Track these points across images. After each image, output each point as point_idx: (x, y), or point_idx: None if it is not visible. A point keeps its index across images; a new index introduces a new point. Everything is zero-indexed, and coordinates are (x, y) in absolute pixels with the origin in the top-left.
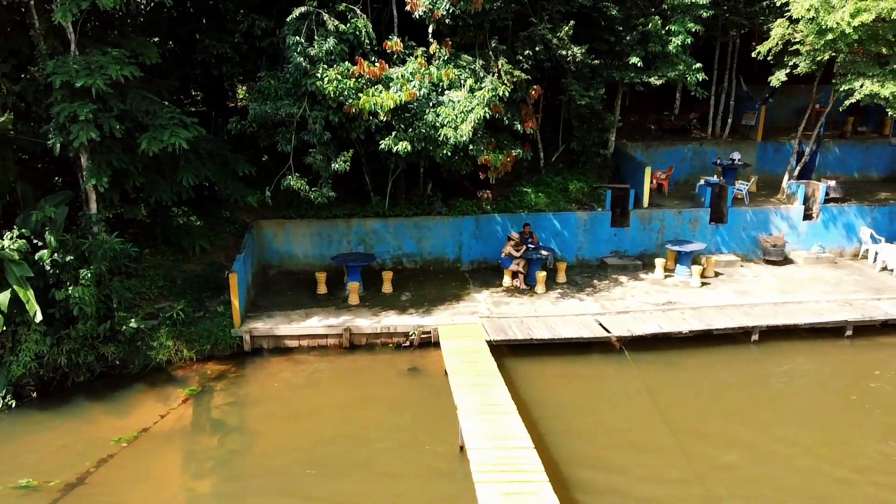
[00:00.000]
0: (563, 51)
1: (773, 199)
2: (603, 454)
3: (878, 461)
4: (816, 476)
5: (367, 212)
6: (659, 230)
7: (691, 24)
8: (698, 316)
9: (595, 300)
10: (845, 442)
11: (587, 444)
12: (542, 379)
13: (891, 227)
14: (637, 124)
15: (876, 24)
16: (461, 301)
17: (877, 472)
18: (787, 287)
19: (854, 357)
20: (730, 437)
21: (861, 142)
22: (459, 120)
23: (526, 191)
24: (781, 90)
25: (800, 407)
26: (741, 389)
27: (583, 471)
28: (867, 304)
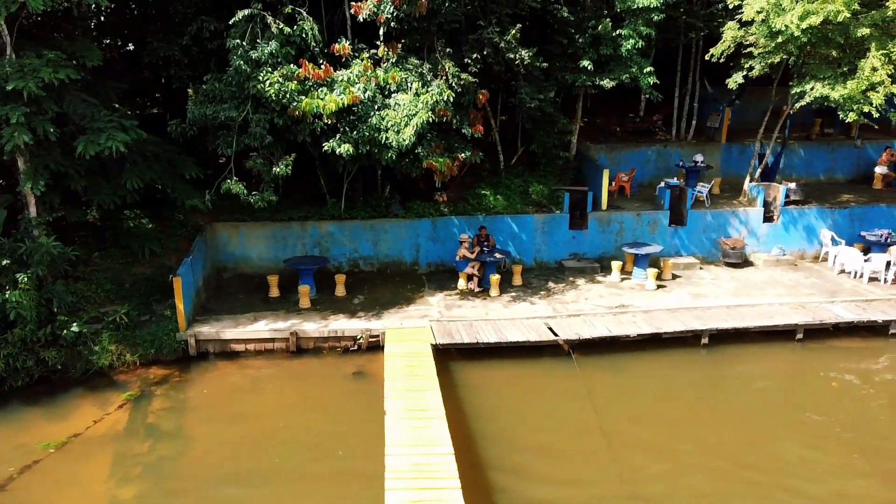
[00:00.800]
0: (511, 54)
1: (735, 201)
2: (530, 460)
3: (796, 466)
4: (734, 483)
5: (322, 214)
6: (618, 232)
7: (643, 27)
8: (649, 319)
9: (548, 303)
10: (770, 446)
11: (516, 449)
12: (487, 383)
13: (851, 230)
14: (603, 126)
15: (825, 26)
16: (414, 304)
17: (790, 476)
18: (743, 290)
19: (802, 360)
20: (662, 444)
21: (827, 144)
22: (403, 123)
23: (485, 193)
24: (750, 92)
25: (736, 411)
26: (684, 394)
27: (504, 476)
28: (820, 306)
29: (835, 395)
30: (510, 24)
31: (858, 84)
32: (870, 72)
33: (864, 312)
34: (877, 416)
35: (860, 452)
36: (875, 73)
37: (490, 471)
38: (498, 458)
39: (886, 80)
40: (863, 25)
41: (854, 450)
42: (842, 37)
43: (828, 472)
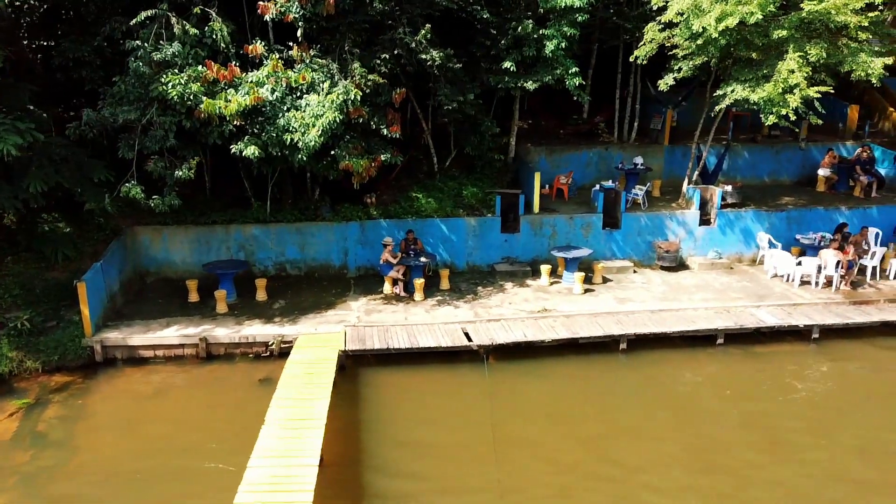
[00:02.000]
0: (423, 55)
1: (674, 203)
2: (410, 468)
3: (681, 483)
4: (619, 495)
5: (247, 218)
6: (550, 236)
7: (567, 28)
8: (567, 324)
9: (471, 308)
10: (663, 454)
11: (399, 458)
12: (393, 390)
13: (789, 233)
14: (547, 129)
15: (744, 28)
16: (334, 309)
17: (669, 494)
18: (671, 294)
19: (717, 366)
20: (555, 452)
21: (771, 146)
22: (311, 124)
23: (417, 196)
24: (699, 94)
25: (640, 418)
26: (592, 401)
27: (376, 484)
28: (744, 311)
29: (734, 402)
30: (423, 25)
31: (776, 86)
32: (787, 74)
33: (789, 317)
34: (774, 423)
35: (749, 466)
36: (792, 75)
37: (364, 479)
38: (380, 466)
39: (803, 83)
40: (781, 28)
41: (751, 459)
42: (760, 39)
43: (718, 484)
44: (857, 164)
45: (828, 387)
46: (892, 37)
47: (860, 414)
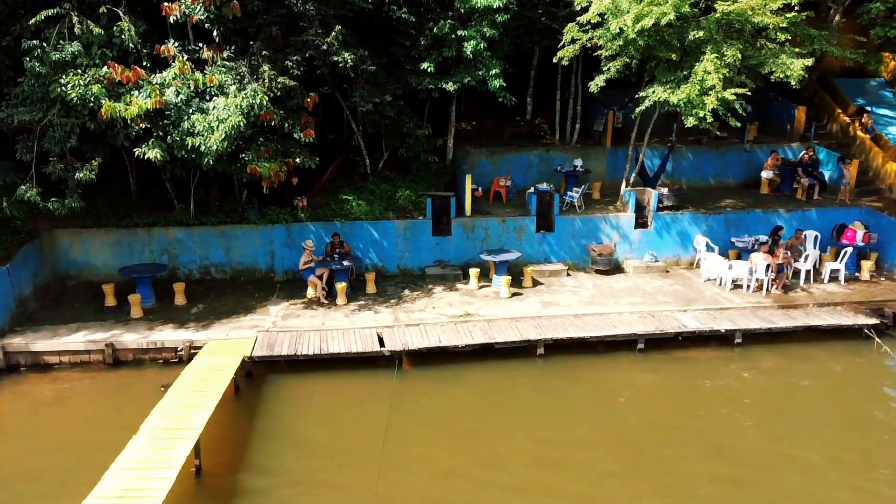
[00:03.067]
0: (335, 56)
1: (612, 206)
2: (292, 471)
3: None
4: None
5: (170, 220)
6: (483, 239)
7: (487, 29)
8: (486, 329)
9: (393, 312)
10: (559, 459)
11: (281, 463)
12: (297, 396)
13: (727, 235)
14: (492, 130)
15: (662, 29)
16: (253, 314)
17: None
18: (600, 298)
19: (634, 372)
20: (441, 456)
21: (716, 148)
22: (216, 127)
23: (347, 199)
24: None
25: (543, 424)
26: (496, 406)
27: (258, 487)
28: (668, 315)
29: (632, 408)
30: (337, 26)
31: (692, 88)
32: (703, 75)
33: (713, 322)
34: (673, 424)
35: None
36: (708, 76)
37: (241, 485)
38: (258, 472)
39: (718, 85)
40: (698, 28)
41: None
42: (678, 40)
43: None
44: (798, 167)
45: (735, 393)
46: (812, 37)
47: (754, 421)
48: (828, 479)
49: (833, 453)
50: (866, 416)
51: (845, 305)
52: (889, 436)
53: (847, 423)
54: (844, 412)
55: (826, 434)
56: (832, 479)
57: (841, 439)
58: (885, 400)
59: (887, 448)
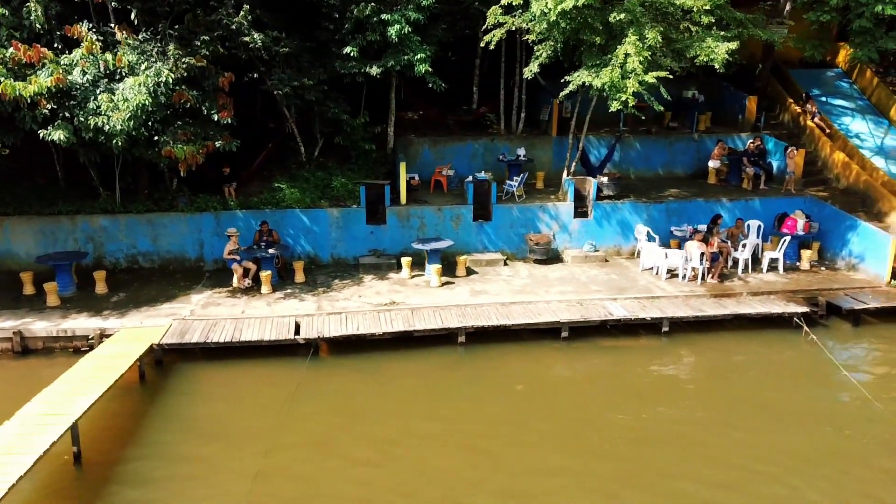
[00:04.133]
0: (245, 37)
1: (554, 196)
2: (175, 457)
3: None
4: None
5: (94, 208)
6: (419, 228)
7: (412, 13)
8: (407, 317)
9: (317, 301)
10: (434, 457)
11: (164, 451)
12: (204, 384)
13: (668, 225)
14: (440, 119)
15: (584, 11)
16: (174, 302)
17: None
18: (532, 287)
19: (553, 360)
20: (331, 442)
21: (664, 138)
22: (123, 108)
23: (280, 186)
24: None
25: (441, 416)
26: (401, 393)
27: (137, 476)
28: (597, 304)
29: (542, 395)
30: (245, 6)
31: (613, 71)
32: (623, 58)
33: (641, 310)
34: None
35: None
36: (628, 59)
37: (119, 475)
38: (140, 460)
39: (638, 68)
40: (619, 11)
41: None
42: (601, 22)
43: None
44: (744, 156)
45: (652, 381)
46: (738, 21)
47: (667, 407)
48: (736, 467)
49: (742, 439)
50: (782, 404)
51: (779, 294)
52: (794, 424)
53: (760, 411)
54: (760, 400)
55: (737, 422)
56: (739, 466)
57: (750, 425)
58: (803, 387)
59: (793, 437)
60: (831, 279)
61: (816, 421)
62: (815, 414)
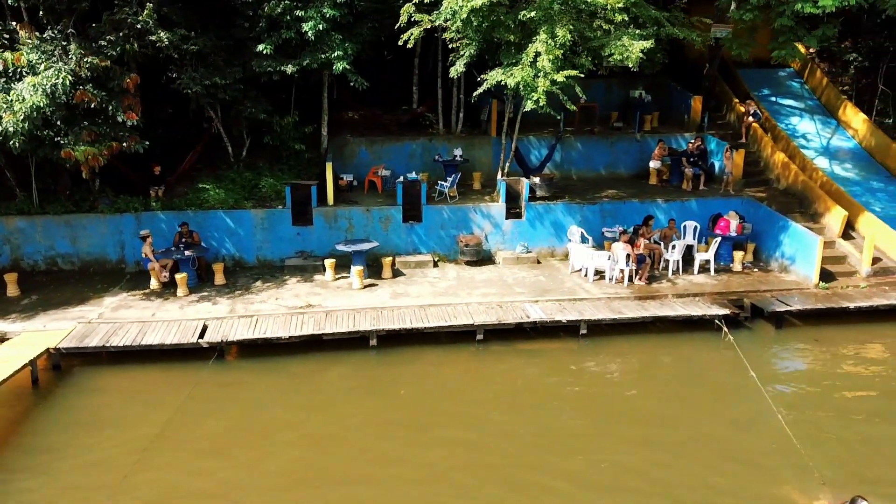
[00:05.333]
0: (151, 36)
1: (488, 197)
2: (51, 465)
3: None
4: None
5: (10, 209)
6: (347, 229)
7: (328, 10)
8: (320, 320)
9: (232, 303)
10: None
11: (41, 458)
12: (97, 389)
13: (603, 226)
14: (383, 120)
15: (495, 9)
16: (85, 305)
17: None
18: (457, 289)
19: (466, 362)
20: (210, 449)
21: (606, 138)
22: (17, 109)
23: (206, 187)
24: None
25: (339, 423)
26: (299, 396)
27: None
28: (517, 306)
29: (442, 397)
30: (149, 4)
31: (523, 70)
32: (533, 57)
33: (559, 312)
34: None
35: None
36: (539, 58)
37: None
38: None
39: (548, 66)
40: (530, 9)
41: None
42: (513, 21)
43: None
44: (683, 156)
45: (560, 384)
46: (654, 19)
47: (571, 410)
48: (639, 473)
49: (642, 437)
50: (695, 407)
51: (705, 296)
52: (702, 427)
53: (633, 421)
54: (645, 408)
55: (638, 426)
56: (641, 472)
57: (619, 432)
58: (704, 391)
59: (699, 442)
60: (761, 281)
61: (700, 426)
62: (707, 417)
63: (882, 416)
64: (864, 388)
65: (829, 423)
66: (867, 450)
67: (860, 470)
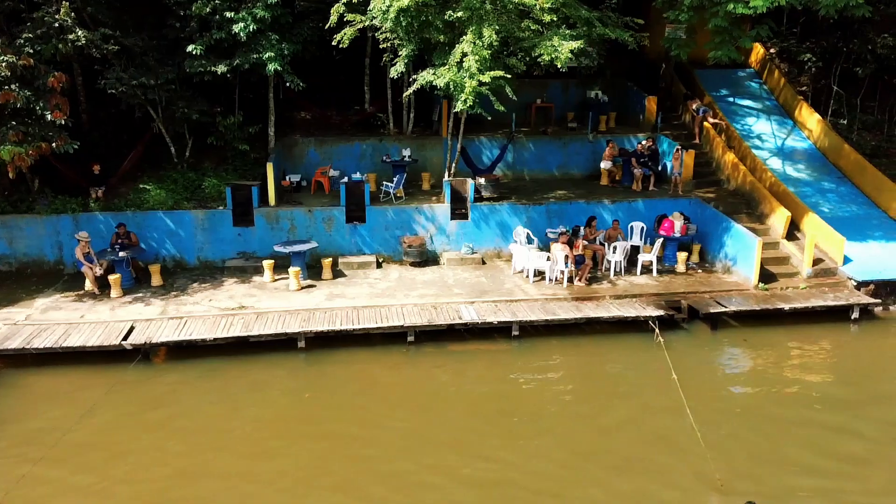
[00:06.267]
0: (70, 35)
1: (434, 197)
2: None
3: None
4: None
5: None
6: (289, 230)
7: (259, 11)
8: (249, 322)
9: (164, 305)
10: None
11: None
12: (12, 393)
13: (549, 226)
14: (330, 120)
15: (423, 9)
16: (15, 306)
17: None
18: (395, 290)
19: (394, 365)
20: (109, 455)
21: (559, 138)
22: None
23: (147, 188)
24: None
25: (242, 428)
26: (217, 405)
27: None
28: (452, 307)
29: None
30: (65, 2)
31: (449, 70)
32: (460, 57)
33: (492, 314)
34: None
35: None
36: (465, 58)
37: None
38: None
39: (473, 67)
40: (456, 9)
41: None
42: (441, 21)
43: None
44: (633, 157)
45: (475, 386)
46: (584, 19)
47: (482, 418)
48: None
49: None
50: (607, 408)
51: (643, 298)
52: (610, 428)
53: (573, 413)
54: (578, 404)
55: (539, 427)
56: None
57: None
58: (634, 391)
59: (603, 443)
60: (703, 282)
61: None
62: (617, 419)
63: (794, 422)
64: (783, 391)
65: (740, 427)
66: (772, 455)
67: (759, 473)
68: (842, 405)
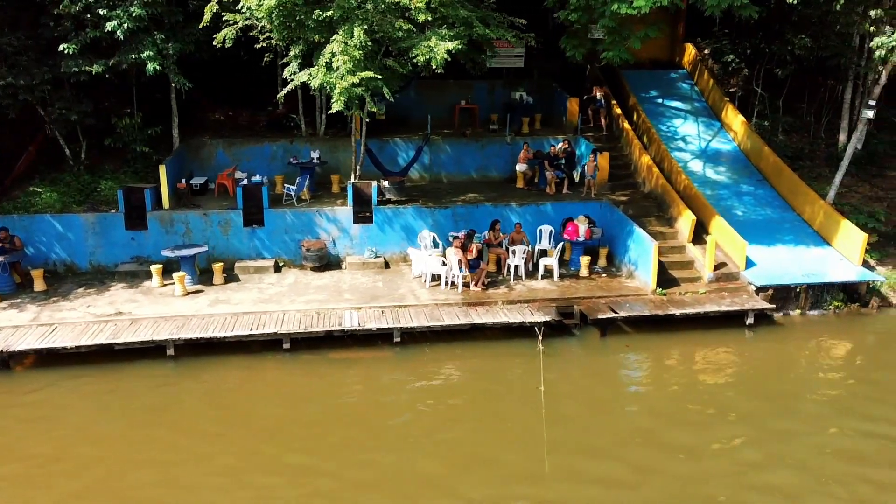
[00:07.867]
0: None
1: (339, 201)
2: None
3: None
4: None
5: None
6: (184, 234)
7: (136, 9)
8: (118, 330)
9: (39, 311)
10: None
11: None
12: None
13: (455, 230)
14: (243, 121)
15: (293, 9)
16: None
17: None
18: (285, 295)
19: (267, 372)
20: None
21: (476, 140)
22: None
23: (38, 190)
24: (433, 86)
25: (101, 442)
26: (72, 416)
27: None
28: (335, 314)
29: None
30: None
31: (320, 71)
32: (329, 57)
33: (374, 320)
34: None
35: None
36: (334, 58)
37: None
38: None
39: (343, 68)
40: (325, 8)
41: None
42: (312, 21)
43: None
44: (546, 159)
45: (345, 396)
46: (463, 19)
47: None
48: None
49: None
50: (467, 415)
51: (536, 303)
52: (465, 435)
53: (432, 419)
54: (441, 409)
55: (396, 432)
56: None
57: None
58: (500, 398)
59: (455, 448)
60: (604, 287)
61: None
62: (475, 427)
63: (643, 435)
64: (648, 399)
65: (593, 436)
66: (615, 464)
67: (590, 480)
68: (691, 414)
